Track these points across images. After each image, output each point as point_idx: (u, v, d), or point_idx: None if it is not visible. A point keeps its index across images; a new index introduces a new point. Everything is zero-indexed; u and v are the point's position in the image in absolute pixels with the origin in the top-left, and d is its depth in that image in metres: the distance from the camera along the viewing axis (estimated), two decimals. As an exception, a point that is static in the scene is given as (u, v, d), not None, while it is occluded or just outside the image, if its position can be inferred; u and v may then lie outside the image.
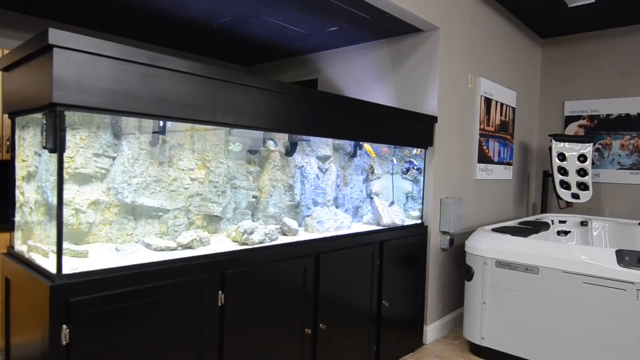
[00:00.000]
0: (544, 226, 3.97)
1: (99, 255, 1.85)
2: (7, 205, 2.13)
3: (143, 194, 2.11)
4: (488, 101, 4.15)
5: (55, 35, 1.47)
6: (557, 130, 5.13)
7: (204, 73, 1.90)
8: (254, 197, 2.61)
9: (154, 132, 2.13)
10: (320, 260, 2.52)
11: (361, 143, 3.24)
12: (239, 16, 3.41)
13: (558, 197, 4.42)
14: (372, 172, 3.42)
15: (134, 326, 1.72)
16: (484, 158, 4.14)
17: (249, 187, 2.57)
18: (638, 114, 4.60)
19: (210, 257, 2.00)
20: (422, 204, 3.53)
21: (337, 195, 3.17)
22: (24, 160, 2.05)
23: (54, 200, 1.80)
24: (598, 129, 4.84)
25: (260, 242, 2.29)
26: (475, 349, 3.35)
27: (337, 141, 3.12)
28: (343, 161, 3.23)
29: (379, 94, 3.84)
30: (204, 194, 2.34)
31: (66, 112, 1.58)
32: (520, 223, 3.96)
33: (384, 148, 3.49)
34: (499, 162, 4.44)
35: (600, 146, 4.82)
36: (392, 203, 3.35)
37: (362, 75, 4.01)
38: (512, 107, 4.62)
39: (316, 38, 3.92)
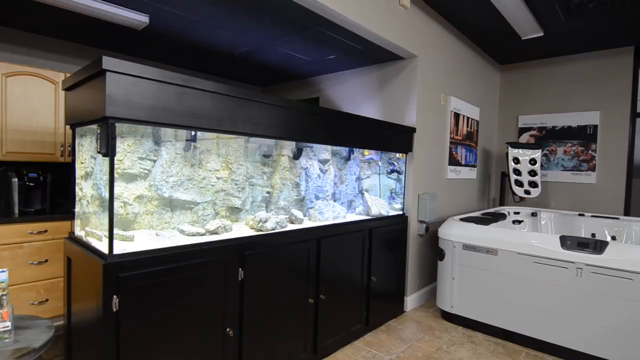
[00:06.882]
0: (502, 216, 3.96)
1: (142, 239, 1.85)
2: (68, 199, 2.12)
3: (178, 189, 2.10)
4: (457, 115, 4.13)
5: (108, 62, 1.47)
6: (512, 138, 5.11)
7: (227, 92, 1.90)
8: (267, 192, 2.60)
9: (186, 140, 2.13)
10: (321, 244, 2.52)
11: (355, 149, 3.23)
12: (256, 46, 3.40)
13: (513, 193, 4.40)
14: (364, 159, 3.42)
15: (171, 296, 1.72)
16: (453, 161, 4.12)
17: (264, 184, 2.57)
18: (578, 126, 4.58)
19: (232, 241, 2.00)
20: (404, 198, 3.52)
21: (335, 191, 3.16)
22: (82, 163, 2.05)
23: (106, 194, 1.80)
24: (546, 138, 4.82)
25: (273, 229, 2.29)
26: (446, 315, 3.34)
27: (335, 147, 3.11)
28: (340, 164, 3.22)
29: (369, 109, 3.83)
30: (227, 190, 2.34)
31: (116, 124, 1.57)
32: (482, 214, 3.95)
33: (367, 151, 3.48)
34: (466, 165, 4.42)
35: (547, 152, 4.80)
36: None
37: (355, 94, 4.00)
38: (477, 120, 4.60)
39: (318, 64, 3.91)
